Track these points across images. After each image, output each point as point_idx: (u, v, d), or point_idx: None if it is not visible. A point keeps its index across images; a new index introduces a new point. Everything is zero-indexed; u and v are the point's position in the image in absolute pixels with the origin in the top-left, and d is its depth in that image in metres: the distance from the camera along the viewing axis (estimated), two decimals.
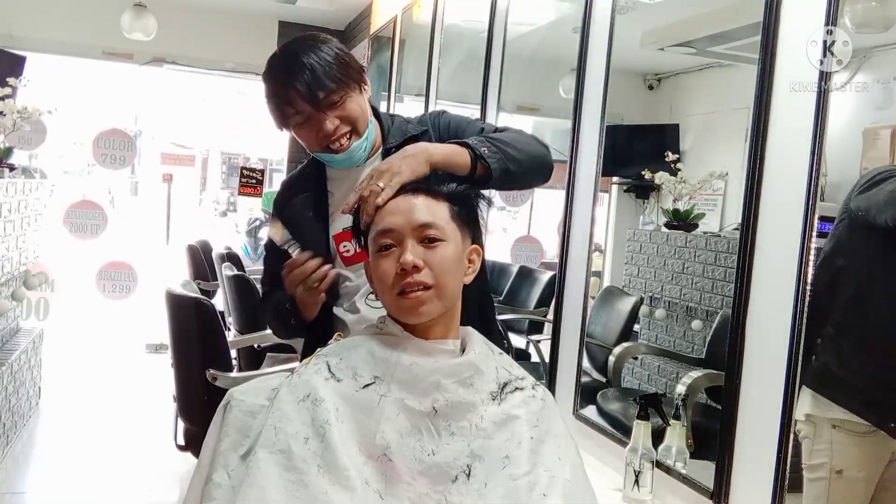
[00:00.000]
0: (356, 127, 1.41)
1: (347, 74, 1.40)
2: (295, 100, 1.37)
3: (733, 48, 1.96)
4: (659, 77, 2.23)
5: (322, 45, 1.41)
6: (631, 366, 2.17)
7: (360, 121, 1.42)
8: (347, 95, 1.40)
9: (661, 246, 2.08)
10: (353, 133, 1.41)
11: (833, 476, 1.44)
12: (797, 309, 1.38)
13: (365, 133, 1.43)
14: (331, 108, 1.38)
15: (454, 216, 1.15)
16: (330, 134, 1.39)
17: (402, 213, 1.12)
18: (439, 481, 1.03)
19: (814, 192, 1.37)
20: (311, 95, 1.36)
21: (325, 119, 1.38)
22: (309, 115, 1.38)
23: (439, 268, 1.10)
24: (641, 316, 2.16)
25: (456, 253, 1.13)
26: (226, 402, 1.14)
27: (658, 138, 2.23)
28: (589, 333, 2.10)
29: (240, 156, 9.35)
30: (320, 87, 1.36)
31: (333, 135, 1.39)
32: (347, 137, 1.41)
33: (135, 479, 3.22)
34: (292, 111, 1.39)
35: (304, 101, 1.37)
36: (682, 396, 1.69)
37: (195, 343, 2.13)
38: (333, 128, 1.39)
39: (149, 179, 6.76)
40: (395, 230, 1.11)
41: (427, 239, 1.11)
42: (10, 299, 3.46)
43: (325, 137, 1.40)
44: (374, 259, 1.14)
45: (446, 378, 1.08)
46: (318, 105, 1.37)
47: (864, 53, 1.41)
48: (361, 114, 1.42)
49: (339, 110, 1.39)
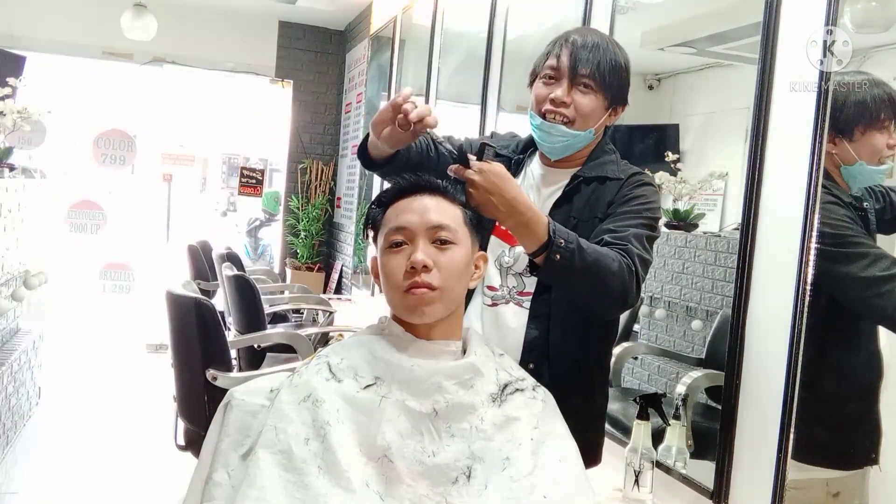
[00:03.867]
0: (577, 120, 1.40)
1: (613, 85, 1.40)
2: (563, 58, 1.39)
3: (733, 48, 1.96)
4: (659, 77, 2.23)
5: (620, 51, 1.42)
6: (631, 366, 2.17)
7: (586, 120, 1.40)
8: (595, 94, 1.39)
9: (661, 246, 2.08)
10: (570, 123, 1.40)
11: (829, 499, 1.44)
12: (797, 309, 1.38)
13: (577, 132, 1.40)
14: (576, 87, 1.38)
15: (466, 221, 1.16)
16: (555, 100, 1.39)
17: (417, 213, 1.13)
18: (439, 483, 1.03)
19: (814, 192, 1.38)
20: (575, 66, 1.37)
21: (563, 88, 1.38)
22: (557, 77, 1.40)
23: (448, 270, 1.11)
24: (641, 316, 2.15)
25: (465, 257, 1.14)
26: (226, 401, 1.14)
27: (658, 138, 2.23)
28: None
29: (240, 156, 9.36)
30: (586, 68, 1.37)
31: (555, 103, 1.39)
32: (562, 119, 1.39)
33: (135, 479, 3.22)
34: (553, 63, 1.40)
35: (567, 64, 1.38)
36: (682, 396, 1.69)
37: (195, 343, 2.13)
38: (563, 101, 1.39)
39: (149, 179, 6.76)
40: (409, 228, 1.12)
41: (439, 240, 1.12)
42: (10, 299, 3.46)
43: (548, 100, 1.40)
44: (383, 255, 1.14)
45: (447, 380, 1.08)
46: (573, 75, 1.38)
47: (864, 53, 1.41)
48: (591, 117, 1.40)
49: (580, 96, 1.39)
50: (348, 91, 5.79)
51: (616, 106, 1.43)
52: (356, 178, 5.30)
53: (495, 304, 1.46)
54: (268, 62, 5.81)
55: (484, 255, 1.21)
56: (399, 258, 1.11)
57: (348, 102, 5.76)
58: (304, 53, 5.97)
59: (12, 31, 4.94)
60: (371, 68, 5.04)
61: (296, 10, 5.43)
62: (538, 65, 1.45)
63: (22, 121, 3.50)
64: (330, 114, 6.10)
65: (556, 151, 1.44)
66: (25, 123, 3.53)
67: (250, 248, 7.93)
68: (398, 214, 1.14)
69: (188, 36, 5.53)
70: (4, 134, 3.52)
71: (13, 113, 3.45)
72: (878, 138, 1.40)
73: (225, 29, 5.63)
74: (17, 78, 3.66)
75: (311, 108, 6.04)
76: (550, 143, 1.43)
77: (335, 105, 6.09)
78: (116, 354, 5.24)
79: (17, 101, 3.54)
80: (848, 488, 1.44)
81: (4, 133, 3.51)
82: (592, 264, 1.22)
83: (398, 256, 1.12)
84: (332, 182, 6.04)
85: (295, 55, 5.93)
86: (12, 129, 3.50)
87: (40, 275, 3.69)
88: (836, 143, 1.41)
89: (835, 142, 1.41)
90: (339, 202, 5.90)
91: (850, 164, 1.41)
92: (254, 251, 7.94)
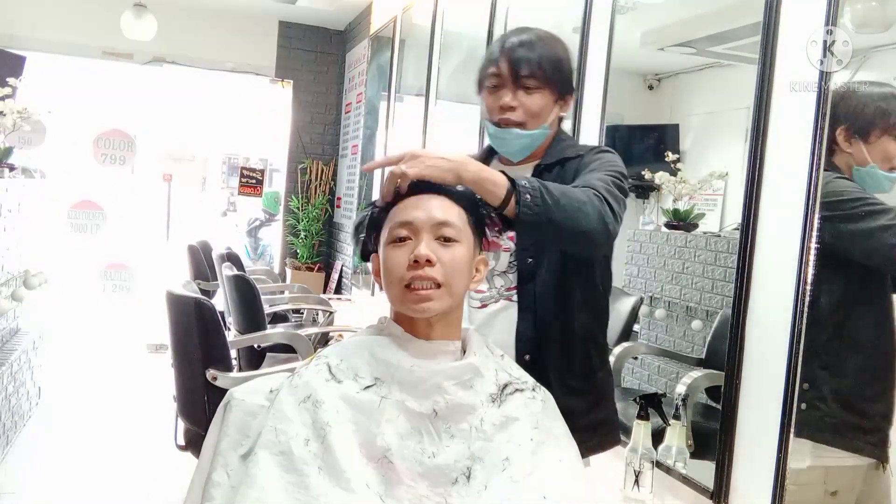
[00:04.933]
0: (529, 121, 1.44)
1: (556, 78, 1.44)
2: (502, 65, 1.43)
3: (733, 48, 1.96)
4: (659, 77, 2.23)
5: (556, 44, 1.47)
6: (631, 366, 2.17)
7: (537, 119, 1.45)
8: (542, 92, 1.44)
9: (661, 246, 2.08)
10: (522, 126, 1.44)
11: (827, 498, 1.44)
12: (797, 309, 1.38)
13: (531, 132, 1.44)
14: (521, 90, 1.43)
15: (470, 222, 1.16)
16: (505, 106, 1.43)
17: (422, 209, 1.13)
18: (439, 483, 1.03)
19: (814, 193, 1.38)
20: (516, 69, 1.42)
21: (509, 93, 1.43)
22: (501, 84, 1.44)
23: (450, 266, 1.11)
24: (641, 316, 2.15)
25: (467, 256, 1.14)
26: (226, 401, 1.14)
27: (658, 138, 2.23)
28: None
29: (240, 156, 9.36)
30: (527, 69, 1.41)
31: (507, 109, 1.43)
32: (515, 123, 1.44)
33: (135, 479, 3.22)
34: (494, 71, 1.44)
35: (508, 69, 1.42)
36: (682, 396, 1.70)
37: (195, 343, 2.13)
38: (511, 106, 1.43)
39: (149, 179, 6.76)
40: (414, 223, 1.12)
41: (443, 237, 1.12)
42: (10, 299, 3.46)
43: (500, 108, 1.44)
44: (386, 250, 1.14)
45: (447, 380, 1.08)
46: (515, 79, 1.42)
47: (864, 53, 1.41)
48: (541, 115, 1.45)
49: (527, 97, 1.43)
50: (348, 91, 5.79)
51: (565, 96, 1.48)
52: (356, 178, 5.30)
53: (485, 305, 1.50)
54: (268, 62, 5.81)
55: (485, 259, 1.21)
56: (402, 252, 1.11)
57: (348, 102, 5.76)
58: (304, 53, 5.97)
59: (12, 31, 4.94)
60: (371, 68, 5.05)
61: (296, 10, 5.43)
62: (481, 74, 1.49)
63: (22, 121, 3.50)
64: (330, 114, 6.10)
65: (516, 154, 1.48)
66: (25, 123, 3.53)
67: (250, 248, 7.93)
68: (404, 209, 1.14)
69: (188, 36, 5.53)
70: (4, 134, 3.52)
71: (13, 113, 3.45)
72: (893, 145, 1.42)
73: (225, 29, 5.63)
74: (17, 78, 3.66)
75: (311, 108, 6.04)
76: (508, 148, 1.48)
77: (335, 105, 6.09)
78: (116, 354, 5.24)
79: (17, 101, 3.54)
80: (846, 488, 1.44)
81: (4, 133, 3.51)
82: (562, 196, 1.23)
83: (401, 251, 1.12)
84: (331, 182, 6.04)
85: (295, 55, 5.93)
86: (12, 129, 3.50)
87: (40, 275, 3.69)
88: (851, 143, 1.42)
89: (850, 141, 1.42)
90: (339, 202, 5.91)
91: (862, 167, 1.42)
92: (254, 251, 7.94)
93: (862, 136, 1.43)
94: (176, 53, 5.56)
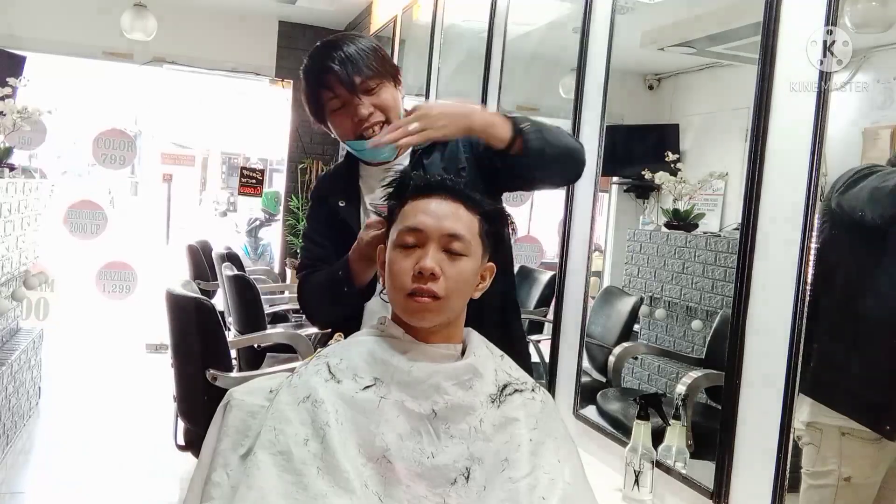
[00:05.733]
0: (389, 117, 1.43)
1: (384, 66, 1.45)
2: (333, 83, 1.41)
3: (733, 48, 1.96)
4: (659, 77, 2.23)
5: (359, 38, 1.47)
6: (631, 366, 2.17)
7: (394, 112, 1.45)
8: (383, 85, 1.44)
9: (661, 246, 2.08)
10: (386, 123, 1.43)
11: (841, 483, 1.43)
12: (797, 309, 1.38)
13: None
14: (366, 94, 1.42)
15: (482, 232, 1.15)
16: (364, 119, 1.42)
17: (434, 216, 1.11)
18: (438, 484, 1.03)
19: (814, 192, 1.37)
20: (348, 79, 1.40)
21: (360, 104, 1.42)
22: (345, 100, 1.42)
23: (454, 282, 1.10)
24: (641, 316, 2.15)
25: (473, 270, 1.13)
26: (226, 401, 1.14)
27: (658, 138, 2.23)
28: (589, 333, 2.10)
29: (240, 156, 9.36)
30: (358, 73, 1.41)
31: (367, 121, 1.42)
32: (380, 126, 1.42)
33: (135, 479, 3.22)
34: (330, 95, 1.43)
35: (342, 84, 1.41)
36: (682, 396, 1.69)
37: (195, 343, 2.13)
38: (368, 113, 1.42)
39: (149, 179, 6.77)
40: (423, 231, 1.11)
41: (451, 250, 1.11)
42: (10, 299, 3.46)
43: (359, 123, 1.42)
44: (392, 253, 1.13)
45: (446, 380, 1.08)
46: (355, 89, 1.41)
47: (864, 53, 1.41)
48: (395, 105, 1.46)
49: (375, 98, 1.43)
50: None
51: (396, 79, 1.49)
52: None
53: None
54: (268, 62, 5.81)
55: (492, 266, 1.19)
56: (408, 261, 1.10)
57: None
58: (304, 53, 5.87)
59: (12, 31, 4.93)
60: None
61: (296, 10, 5.43)
62: (316, 105, 1.47)
63: (22, 121, 3.50)
64: None
65: (392, 151, 1.45)
66: (25, 123, 3.53)
67: (250, 248, 7.93)
68: (416, 214, 1.12)
69: (188, 36, 5.52)
70: (4, 134, 3.52)
71: (13, 113, 3.45)
72: None
73: (225, 29, 5.63)
74: (17, 78, 3.66)
75: None
76: (385, 151, 1.44)
77: None
78: (116, 354, 5.24)
79: (17, 101, 3.54)
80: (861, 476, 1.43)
81: (4, 133, 3.52)
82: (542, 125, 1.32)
83: (408, 259, 1.11)
84: None
85: (295, 55, 5.92)
86: (12, 129, 3.50)
87: (40, 275, 3.70)
88: None
89: None
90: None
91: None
92: (254, 251, 7.94)
93: None
94: (176, 54, 5.56)
